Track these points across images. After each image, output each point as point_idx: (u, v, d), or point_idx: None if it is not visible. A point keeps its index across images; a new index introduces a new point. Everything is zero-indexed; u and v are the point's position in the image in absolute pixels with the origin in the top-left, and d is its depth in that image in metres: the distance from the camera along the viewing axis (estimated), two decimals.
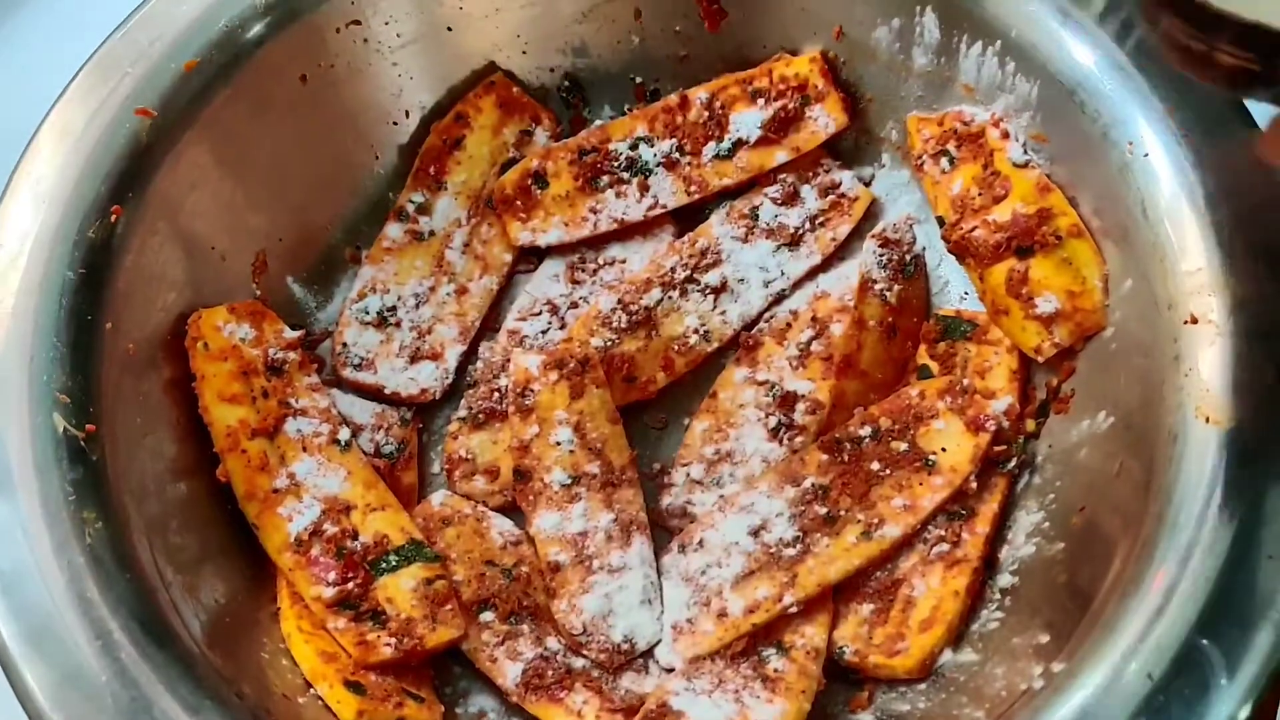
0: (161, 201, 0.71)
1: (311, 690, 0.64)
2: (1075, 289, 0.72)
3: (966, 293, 0.81)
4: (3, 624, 0.57)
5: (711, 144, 0.84)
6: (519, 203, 0.85)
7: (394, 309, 0.82)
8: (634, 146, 0.85)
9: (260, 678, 0.62)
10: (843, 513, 0.73)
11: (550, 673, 0.70)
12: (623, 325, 0.80)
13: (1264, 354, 0.60)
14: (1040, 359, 0.74)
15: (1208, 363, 0.61)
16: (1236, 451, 0.58)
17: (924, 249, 0.83)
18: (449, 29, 0.84)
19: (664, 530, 0.78)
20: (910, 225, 0.83)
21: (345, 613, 0.68)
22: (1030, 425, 0.74)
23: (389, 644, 0.67)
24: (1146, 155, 0.67)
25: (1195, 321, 0.63)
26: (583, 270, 0.85)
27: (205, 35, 0.73)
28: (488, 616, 0.72)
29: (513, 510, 0.78)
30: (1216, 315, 0.62)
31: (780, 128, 0.84)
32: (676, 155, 0.85)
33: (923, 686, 0.67)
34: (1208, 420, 0.60)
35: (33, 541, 0.59)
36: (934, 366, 0.79)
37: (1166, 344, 0.64)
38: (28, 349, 0.64)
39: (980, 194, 0.77)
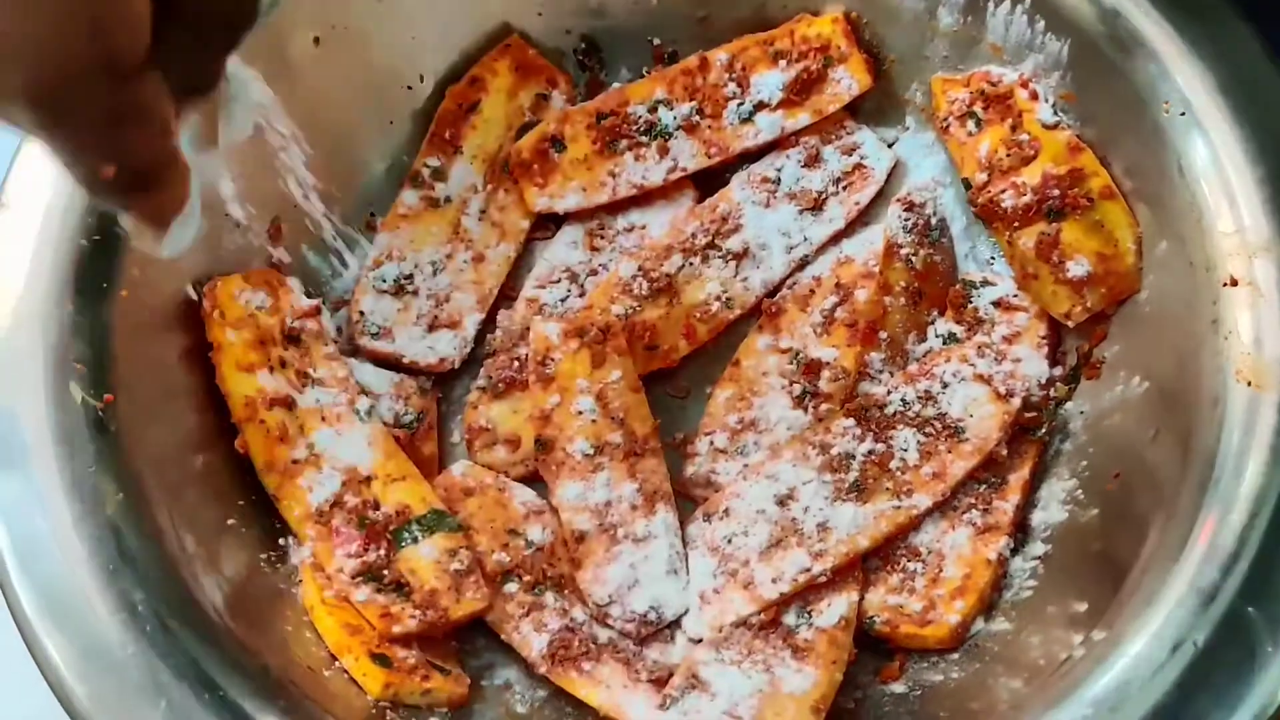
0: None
1: (336, 663, 0.63)
2: (1108, 252, 0.70)
3: (993, 257, 0.80)
4: (24, 596, 0.56)
5: (732, 106, 0.83)
6: (536, 167, 0.83)
7: (411, 277, 0.81)
8: (653, 109, 0.83)
9: (284, 650, 0.62)
10: (870, 481, 0.72)
11: (576, 644, 0.69)
12: (644, 292, 0.79)
13: None
14: (1071, 324, 0.72)
15: (1248, 326, 0.60)
16: None
17: (949, 213, 0.81)
18: None
19: (688, 500, 0.77)
20: (935, 188, 0.81)
21: (368, 584, 0.67)
22: (1061, 391, 0.73)
23: (414, 616, 0.66)
24: (1183, 114, 0.66)
25: (1235, 284, 0.61)
26: (601, 236, 0.84)
27: None
28: (512, 587, 0.72)
29: (534, 480, 0.77)
30: (1258, 277, 0.60)
31: (802, 89, 0.82)
32: (696, 118, 0.83)
33: (955, 656, 0.66)
34: (1249, 385, 0.58)
35: (52, 514, 0.58)
36: (960, 332, 0.77)
37: (1204, 307, 0.63)
38: (42, 317, 0.63)
39: (1008, 156, 0.75)
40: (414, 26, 0.81)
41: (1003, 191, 0.75)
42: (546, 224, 0.85)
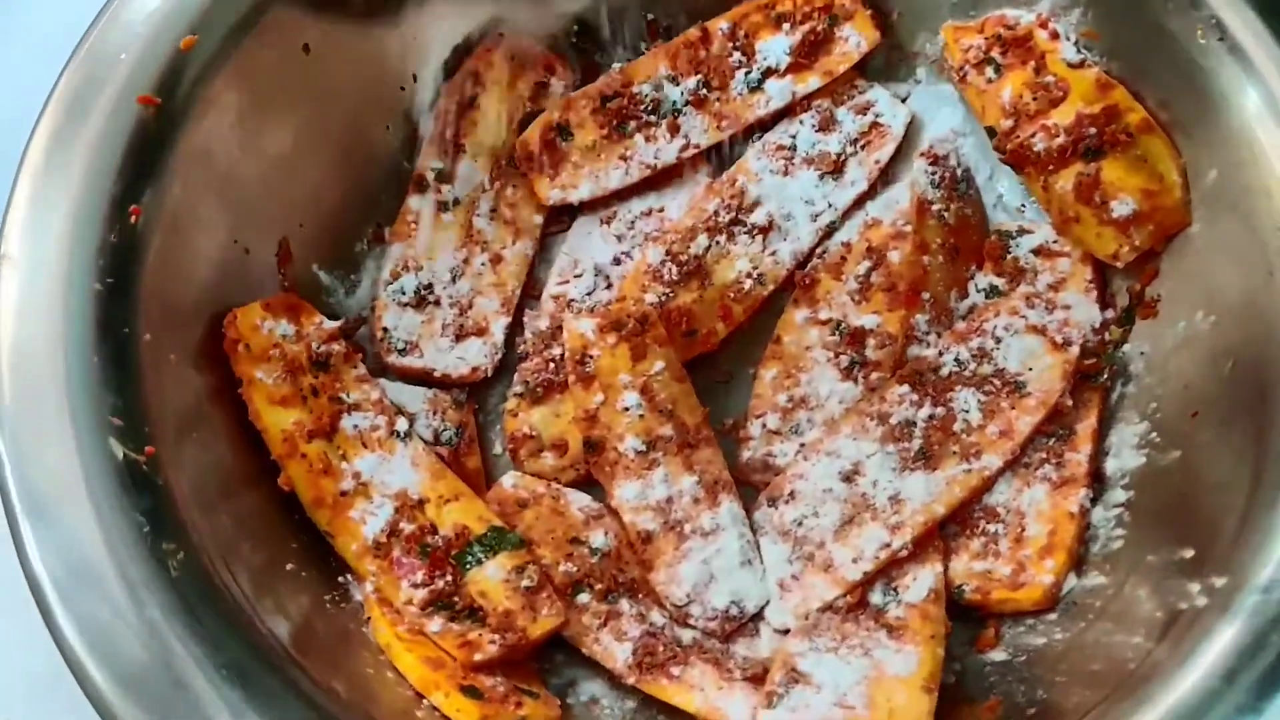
0: (179, 194, 0.65)
1: (425, 701, 0.60)
2: (1153, 188, 0.69)
3: (1023, 204, 0.78)
4: (98, 676, 0.52)
5: (740, 75, 0.80)
6: (545, 159, 0.80)
7: (430, 286, 0.77)
8: (658, 87, 0.80)
9: (367, 695, 0.58)
10: (936, 446, 0.70)
11: (661, 649, 0.67)
12: (674, 277, 0.76)
13: None
14: (1120, 265, 0.71)
15: None
16: None
17: (972, 164, 0.80)
18: None
19: (748, 486, 0.74)
20: (955, 139, 0.79)
21: (441, 614, 0.64)
22: (1116, 334, 0.72)
23: (493, 641, 0.63)
24: (1220, 39, 0.64)
25: None
26: (619, 223, 0.81)
27: (199, 6, 0.67)
28: (584, 598, 0.69)
29: (587, 484, 0.74)
30: None
31: (810, 52, 0.80)
32: (704, 91, 0.80)
33: (1053, 617, 0.65)
34: None
35: (109, 587, 0.53)
36: (1002, 284, 0.76)
37: (1268, 234, 0.62)
38: (68, 371, 0.58)
39: (1035, 99, 0.74)
40: (404, 24, 0.77)
41: (1033, 136, 0.73)
42: (560, 216, 0.82)
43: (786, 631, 0.68)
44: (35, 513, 0.55)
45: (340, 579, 0.66)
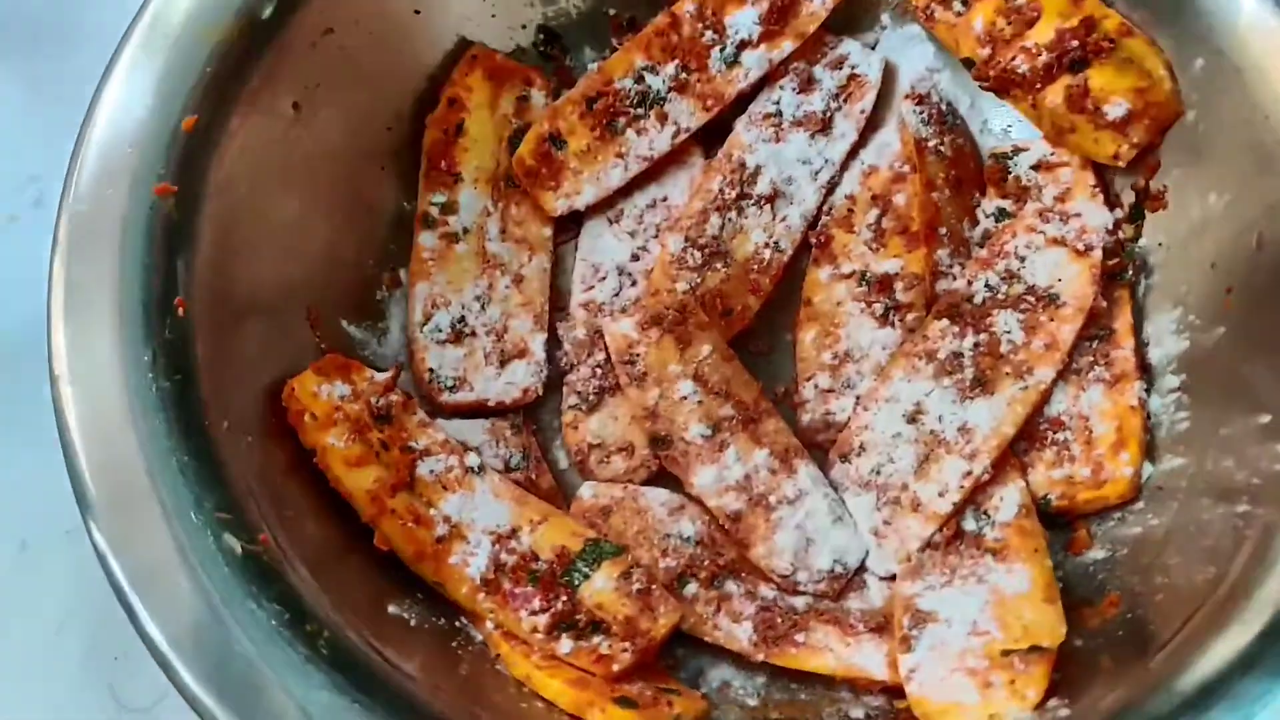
0: (211, 275, 0.64)
1: None
2: (1142, 85, 0.72)
3: (1009, 126, 0.81)
4: None
5: (715, 53, 0.81)
6: (544, 171, 0.80)
7: (463, 319, 0.77)
8: (639, 79, 0.81)
9: None
10: (988, 371, 0.73)
11: (779, 620, 0.68)
12: (699, 262, 0.77)
13: None
14: (1122, 164, 0.74)
15: None
16: None
17: (952, 97, 0.82)
18: (416, 11, 0.78)
19: (814, 448, 0.76)
20: (931, 76, 0.82)
21: (567, 634, 0.65)
22: (1129, 231, 0.75)
23: (625, 649, 0.64)
24: None
25: None
26: (628, 220, 0.81)
27: (189, 87, 0.65)
28: (692, 589, 0.70)
29: (660, 479, 0.75)
30: None
31: (778, 18, 0.81)
32: (684, 75, 0.81)
33: (1140, 505, 0.68)
34: None
35: (270, 684, 0.53)
36: (1009, 205, 0.78)
37: (1270, 107, 0.65)
38: (147, 481, 0.57)
39: (1009, 24, 0.76)
40: (378, 65, 0.76)
41: (1014, 59, 0.75)
42: (567, 225, 0.83)
43: (893, 577, 0.70)
44: (175, 638, 0.54)
45: (457, 623, 0.66)
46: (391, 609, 0.63)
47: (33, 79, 1.02)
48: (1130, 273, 0.74)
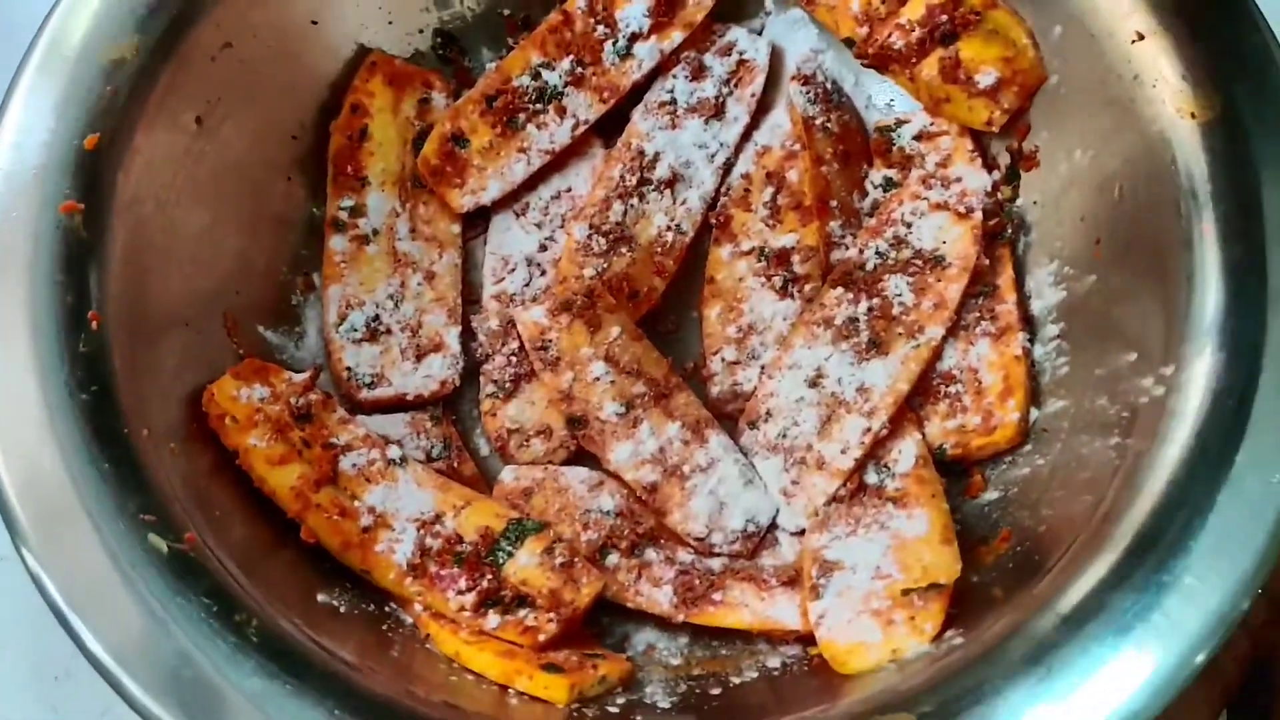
0: (124, 289, 0.66)
1: (510, 691, 0.63)
2: (1008, 54, 0.76)
3: (891, 100, 0.85)
4: None
5: (608, 47, 0.84)
6: (448, 170, 0.82)
7: (377, 317, 0.79)
8: (536, 75, 0.83)
9: (451, 693, 0.61)
10: (882, 333, 0.76)
11: (697, 582, 0.71)
12: (604, 248, 0.80)
13: (1217, 44, 0.66)
14: (995, 129, 0.78)
15: (1171, 69, 0.67)
16: (1233, 131, 0.64)
17: (837, 75, 0.86)
18: (314, 22, 0.80)
19: (724, 418, 0.79)
20: (816, 57, 0.85)
21: (493, 610, 0.67)
22: (1007, 192, 0.79)
23: (551, 619, 0.67)
24: None
25: (1142, 38, 0.68)
26: (534, 212, 0.84)
27: (90, 105, 0.67)
28: (613, 559, 0.73)
29: (579, 459, 0.78)
30: (1160, 25, 0.67)
31: (666, 9, 0.84)
32: (579, 69, 0.84)
33: (1029, 448, 0.72)
34: (1192, 116, 0.65)
35: (202, 669, 0.55)
36: (895, 175, 0.82)
37: (1120, 66, 0.69)
38: (73, 491, 0.59)
39: (883, 3, 0.80)
40: (278, 76, 0.78)
41: (890, 36, 0.79)
42: (475, 221, 0.85)
43: (802, 532, 0.73)
44: (108, 641, 0.56)
45: (387, 608, 0.68)
46: (321, 598, 0.65)
47: None
48: (1009, 231, 0.78)
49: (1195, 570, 0.55)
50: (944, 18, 0.77)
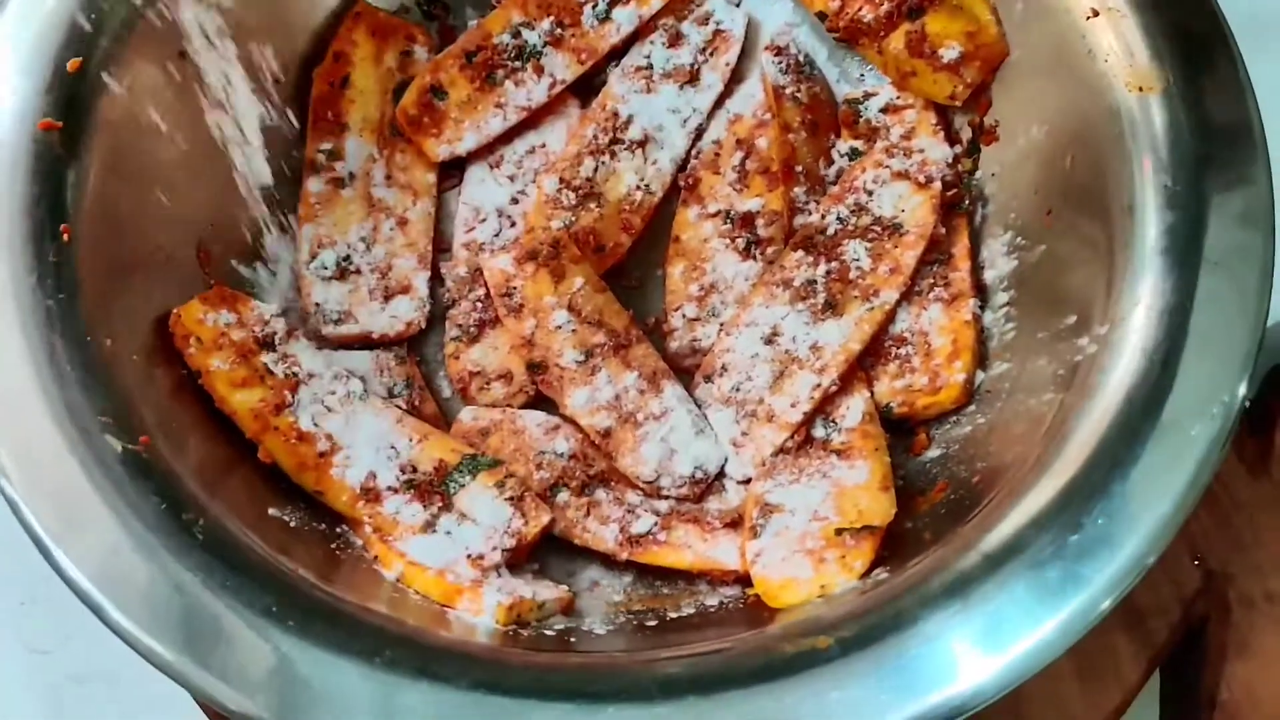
0: (98, 209, 0.68)
1: (450, 612, 0.65)
2: (972, 29, 0.78)
3: (862, 74, 0.87)
4: (152, 643, 0.55)
5: (588, 10, 0.86)
6: (426, 120, 0.85)
7: (349, 258, 0.81)
8: (516, 34, 0.86)
9: (403, 612, 0.63)
10: (838, 295, 0.78)
11: (642, 522, 0.73)
12: (573, 202, 0.82)
13: (1167, 20, 0.68)
14: (958, 103, 0.80)
15: (1119, 45, 0.69)
16: (1178, 105, 0.66)
17: (810, 48, 0.88)
18: None
19: (682, 372, 0.81)
20: (791, 30, 0.87)
21: (441, 532, 0.69)
22: (967, 164, 0.81)
23: (495, 548, 0.68)
24: None
25: (1096, 14, 0.70)
26: (508, 165, 0.86)
27: (76, 30, 0.69)
28: (564, 497, 0.75)
29: (537, 404, 0.80)
30: (1114, 2, 0.69)
31: None
32: (559, 31, 0.86)
33: (972, 408, 0.74)
34: (1140, 90, 0.67)
35: (141, 564, 0.57)
36: (860, 145, 0.84)
37: (1075, 42, 0.71)
38: (38, 388, 0.61)
39: None
40: (265, 19, 0.81)
41: (860, 10, 0.81)
42: (450, 171, 0.87)
43: (748, 481, 0.75)
44: (58, 528, 0.58)
45: (338, 529, 0.70)
46: (272, 512, 0.67)
47: None
48: (967, 202, 0.81)
49: (1114, 515, 0.57)
50: None
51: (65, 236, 0.65)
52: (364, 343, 0.80)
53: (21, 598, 0.90)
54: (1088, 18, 0.71)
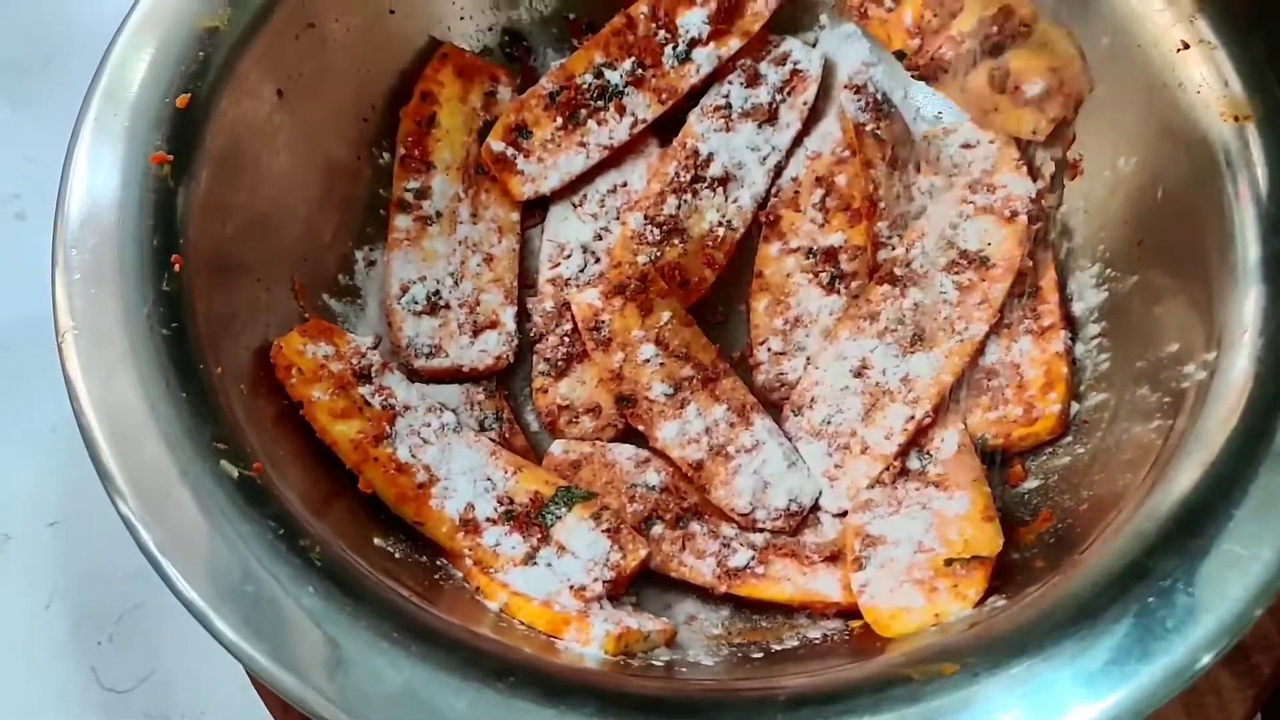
0: (206, 241, 0.69)
1: (557, 642, 0.64)
2: (1055, 65, 0.79)
3: (940, 112, 0.88)
4: (272, 667, 0.55)
5: (668, 51, 0.87)
6: (511, 159, 0.86)
7: (437, 293, 0.82)
8: (598, 74, 0.87)
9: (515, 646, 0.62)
10: (927, 328, 0.78)
11: (740, 555, 0.73)
12: (657, 238, 0.83)
13: (1259, 50, 0.69)
14: (1041, 138, 0.81)
15: (1214, 76, 0.70)
16: (1268, 134, 0.66)
17: (887, 87, 0.89)
18: (391, 11, 0.83)
19: (769, 406, 0.81)
20: (867, 70, 0.89)
21: (541, 564, 0.69)
22: (1051, 199, 0.82)
23: (597, 580, 0.68)
24: None
25: (1186, 47, 0.71)
26: (591, 204, 0.87)
27: (183, 69, 0.71)
28: (658, 530, 0.74)
29: (626, 438, 0.80)
30: (1205, 33, 0.70)
31: (725, 18, 0.88)
32: (640, 71, 0.87)
33: (1069, 439, 0.73)
34: (1235, 119, 0.68)
35: (267, 589, 0.57)
36: (940, 181, 0.85)
37: (1165, 75, 0.72)
38: (152, 418, 0.61)
39: (935, 16, 0.83)
40: (355, 59, 0.82)
41: (940, 48, 0.83)
42: (533, 210, 0.88)
43: (844, 514, 0.75)
44: (174, 549, 0.58)
45: (439, 561, 0.70)
46: (377, 542, 0.67)
47: (15, 98, 1.07)
48: (1053, 235, 0.81)
49: (1237, 537, 0.56)
50: (994, 29, 0.80)
51: (177, 267, 0.66)
52: (454, 376, 0.80)
53: (99, 637, 0.90)
54: (1177, 50, 0.71)
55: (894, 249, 0.83)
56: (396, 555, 0.67)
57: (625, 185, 0.87)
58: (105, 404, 0.61)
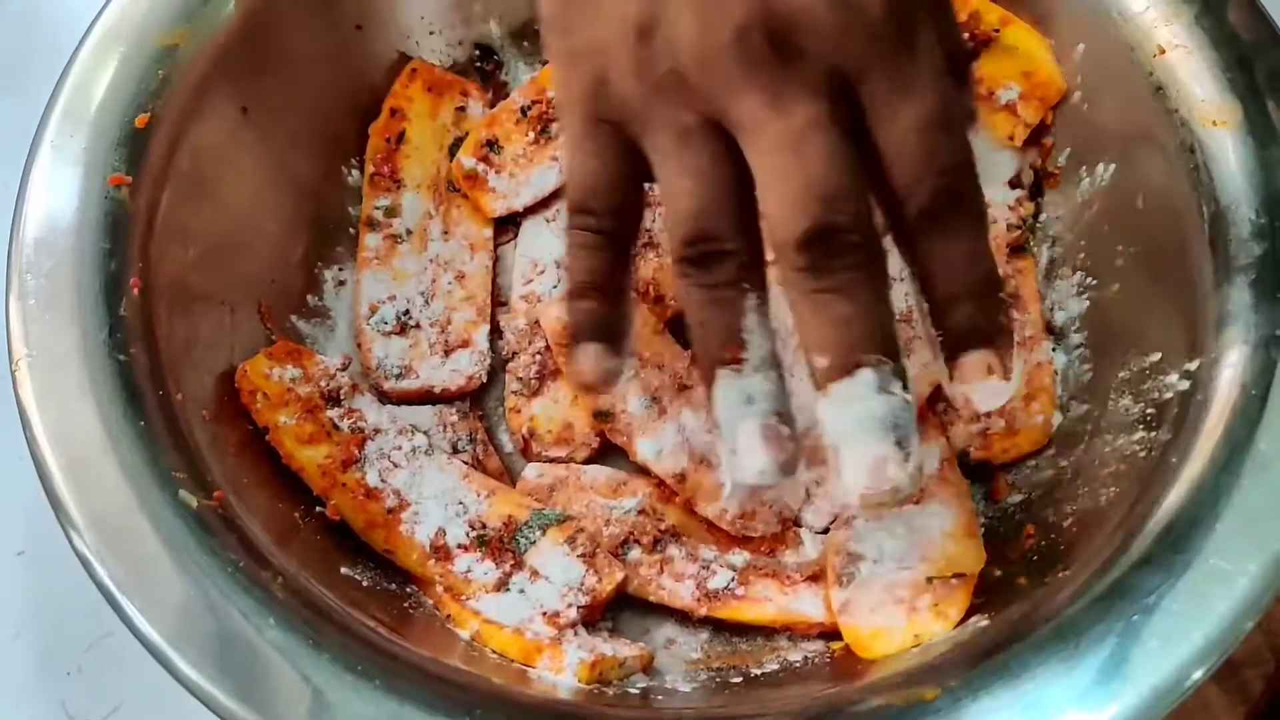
0: (166, 263, 0.68)
1: (530, 671, 0.63)
2: (1028, 69, 0.78)
3: None
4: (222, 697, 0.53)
5: None
6: (482, 175, 0.84)
7: (408, 312, 0.81)
8: None
9: (480, 668, 0.61)
10: (906, 342, 0.77)
11: (720, 577, 0.71)
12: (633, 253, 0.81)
13: (1237, 55, 0.68)
14: (1018, 144, 0.80)
15: (1192, 81, 0.69)
16: (1255, 137, 0.65)
17: None
18: (358, 27, 0.82)
19: None
20: None
21: (514, 591, 0.67)
22: (1029, 208, 0.81)
23: (570, 605, 0.66)
24: None
25: (1163, 52, 0.70)
26: (563, 219, 0.85)
27: (143, 88, 0.69)
28: (635, 554, 0.73)
29: (600, 458, 0.78)
30: (1183, 38, 0.69)
31: None
32: None
33: (1052, 451, 0.72)
34: (1214, 124, 0.67)
35: (227, 619, 0.55)
36: None
37: (1141, 80, 0.71)
38: (111, 446, 0.60)
39: None
40: (322, 76, 0.81)
41: None
42: (506, 226, 0.87)
43: (826, 531, 0.73)
44: (130, 583, 0.56)
45: (408, 589, 0.68)
46: (344, 570, 0.65)
47: None
48: (1032, 244, 0.80)
49: (1221, 552, 0.55)
50: (964, 35, 0.79)
51: (135, 290, 0.64)
52: (425, 397, 0.79)
53: (68, 668, 0.88)
54: (1154, 55, 0.70)
55: None
56: (365, 584, 0.65)
57: None
58: (60, 433, 0.59)
